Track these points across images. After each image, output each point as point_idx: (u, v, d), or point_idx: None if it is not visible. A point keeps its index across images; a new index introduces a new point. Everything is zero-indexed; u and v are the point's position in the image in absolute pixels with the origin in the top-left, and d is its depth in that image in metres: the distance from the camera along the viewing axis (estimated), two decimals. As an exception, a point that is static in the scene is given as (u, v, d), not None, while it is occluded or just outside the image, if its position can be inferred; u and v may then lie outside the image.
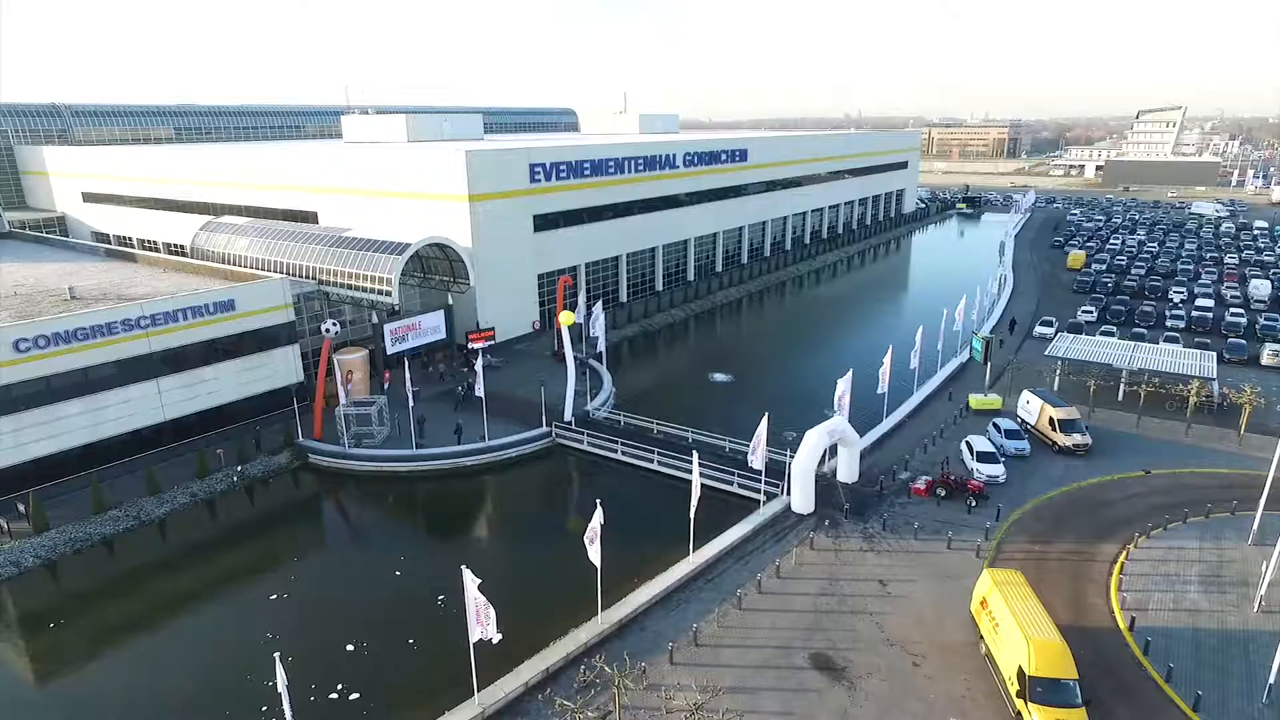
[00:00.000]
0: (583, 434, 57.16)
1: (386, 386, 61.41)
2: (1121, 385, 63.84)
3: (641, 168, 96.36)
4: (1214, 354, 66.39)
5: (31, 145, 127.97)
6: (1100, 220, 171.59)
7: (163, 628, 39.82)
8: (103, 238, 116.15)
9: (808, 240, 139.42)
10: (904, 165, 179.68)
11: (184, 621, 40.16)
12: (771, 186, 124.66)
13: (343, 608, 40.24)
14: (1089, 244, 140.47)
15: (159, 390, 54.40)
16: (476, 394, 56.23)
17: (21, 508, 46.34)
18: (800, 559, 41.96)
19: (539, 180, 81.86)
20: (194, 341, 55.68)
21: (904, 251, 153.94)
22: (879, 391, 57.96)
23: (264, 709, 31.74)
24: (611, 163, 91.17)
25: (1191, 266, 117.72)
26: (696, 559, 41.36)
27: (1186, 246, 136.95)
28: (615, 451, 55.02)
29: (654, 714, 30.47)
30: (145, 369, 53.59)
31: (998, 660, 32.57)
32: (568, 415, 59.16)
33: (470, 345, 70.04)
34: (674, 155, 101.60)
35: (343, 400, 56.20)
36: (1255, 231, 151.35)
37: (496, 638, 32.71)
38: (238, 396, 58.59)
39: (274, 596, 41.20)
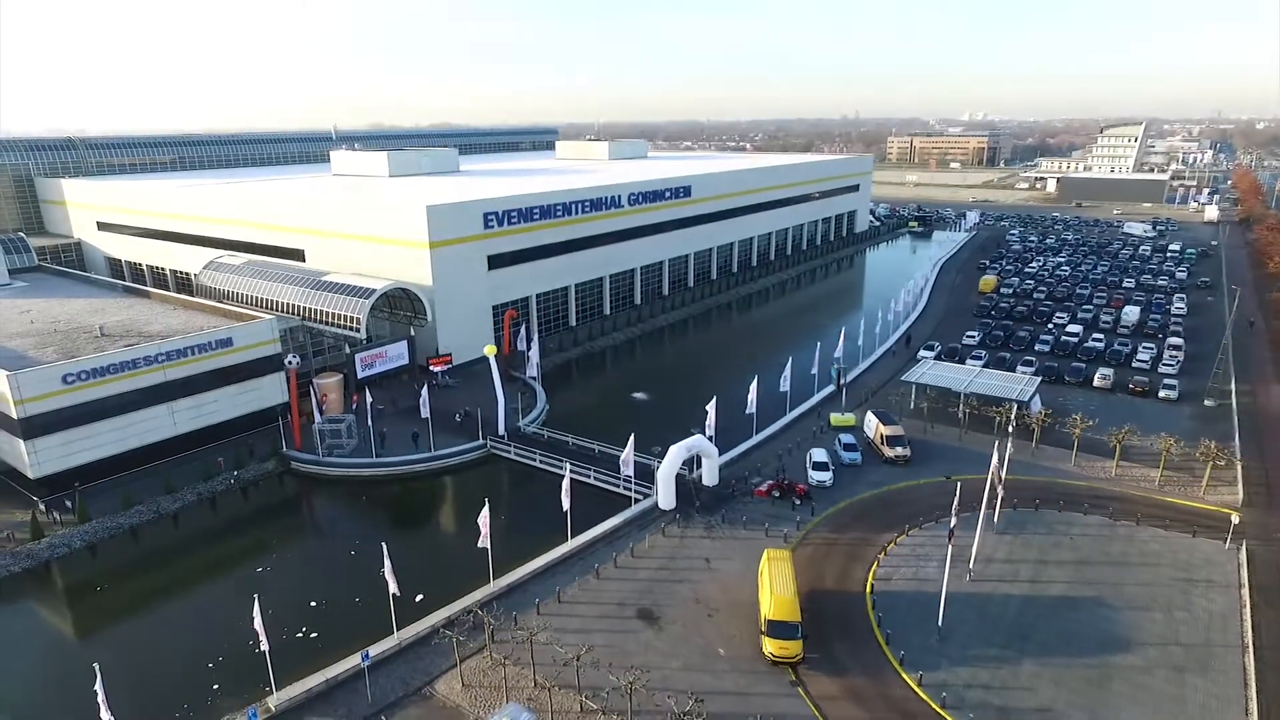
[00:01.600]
0: (511, 446, 71.35)
1: (355, 406, 75.45)
2: (960, 406, 77.92)
3: (588, 209, 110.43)
4: (1037, 379, 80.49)
5: (50, 178, 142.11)
6: (1034, 241, 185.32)
7: (177, 592, 54.19)
8: (115, 263, 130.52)
9: (754, 263, 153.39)
10: (855, 188, 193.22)
11: (193, 587, 54.59)
12: (716, 217, 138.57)
13: (310, 576, 54.61)
14: (1010, 266, 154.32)
15: (172, 411, 68.63)
16: (422, 415, 70.35)
17: (69, 503, 60.64)
18: (653, 543, 56.15)
19: (492, 226, 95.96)
20: (200, 371, 69.88)
21: (847, 272, 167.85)
22: (748, 412, 72.11)
23: (250, 642, 45.67)
24: (559, 207, 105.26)
25: (1088, 291, 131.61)
26: (574, 543, 55.54)
27: (1098, 269, 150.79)
28: (535, 460, 69.19)
29: (510, 643, 44.65)
30: (161, 394, 67.83)
31: (761, 611, 46.70)
32: (501, 430, 73.33)
33: (430, 368, 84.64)
34: (619, 196, 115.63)
35: (318, 418, 70.37)
36: (1167, 254, 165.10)
37: (419, 596, 46.96)
38: (234, 414, 72.80)
39: (260, 570, 55.54)
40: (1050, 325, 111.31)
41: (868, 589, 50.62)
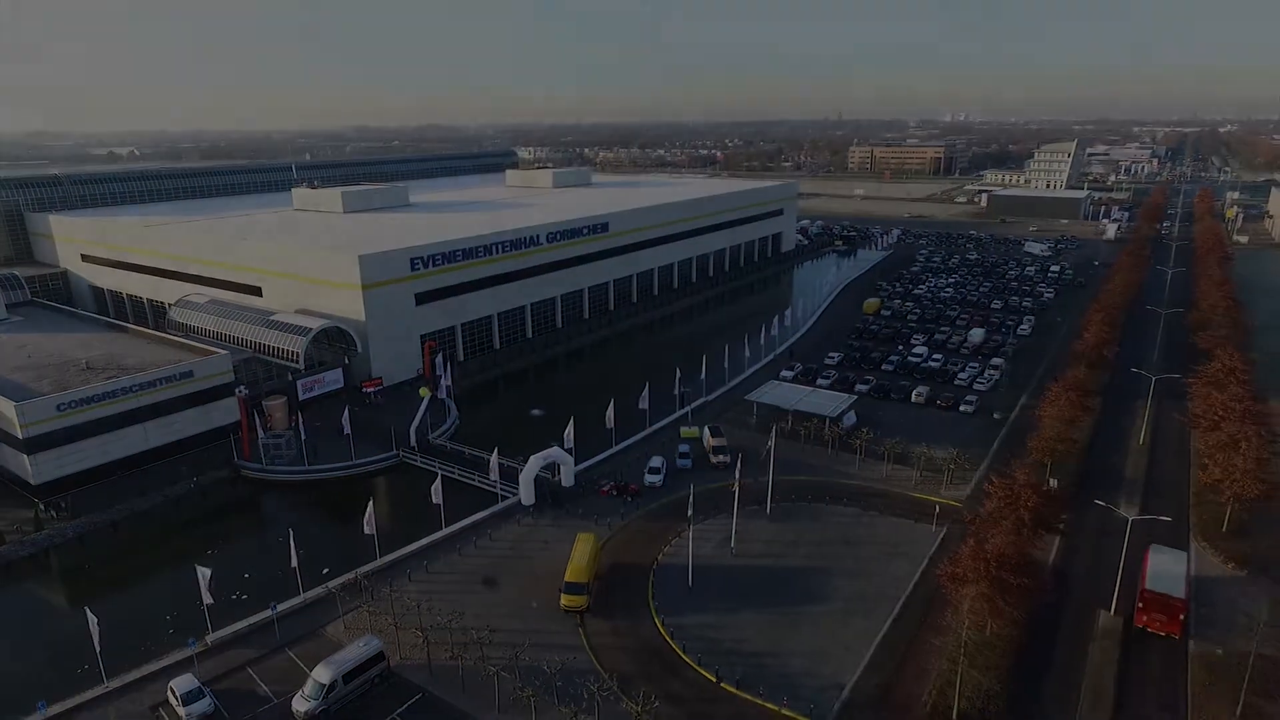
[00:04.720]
0: (417, 455, 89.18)
1: (292, 425, 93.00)
2: (790, 420, 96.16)
3: (509, 248, 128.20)
4: (851, 398, 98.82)
5: (39, 213, 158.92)
6: (938, 261, 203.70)
7: (146, 569, 71.99)
8: (99, 291, 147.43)
9: (676, 286, 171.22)
10: (780, 213, 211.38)
11: (159, 566, 72.41)
12: (634, 248, 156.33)
13: (247, 556, 72.41)
14: (901, 288, 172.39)
15: (144, 429, 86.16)
16: (345, 431, 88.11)
17: (63, 503, 78.19)
18: (509, 531, 74.19)
19: (419, 269, 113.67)
20: (167, 398, 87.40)
21: (773, 290, 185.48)
22: (608, 427, 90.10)
23: (198, 603, 63.23)
24: (481, 249, 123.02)
25: (956, 312, 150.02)
26: (447, 530, 73.47)
27: (979, 290, 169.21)
28: (435, 467, 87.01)
29: (380, 599, 62.55)
30: (135, 416, 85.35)
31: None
32: (412, 442, 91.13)
33: (363, 390, 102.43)
34: (538, 235, 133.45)
35: (262, 435, 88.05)
36: (1048, 275, 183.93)
37: (325, 570, 64.91)
38: (195, 431, 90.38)
39: (210, 552, 73.20)
40: (900, 347, 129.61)
41: (654, 563, 68.80)
